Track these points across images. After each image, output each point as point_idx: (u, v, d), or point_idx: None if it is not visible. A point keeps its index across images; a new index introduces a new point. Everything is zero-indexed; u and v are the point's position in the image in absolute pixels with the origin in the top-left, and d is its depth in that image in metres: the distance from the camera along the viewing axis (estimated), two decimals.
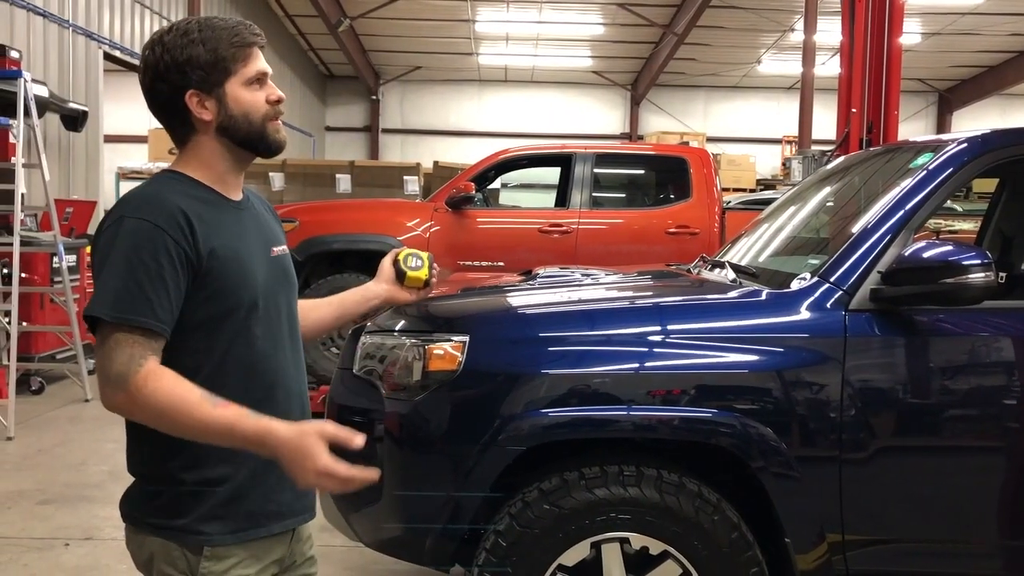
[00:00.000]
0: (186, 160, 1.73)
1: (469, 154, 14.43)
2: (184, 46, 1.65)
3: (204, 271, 1.62)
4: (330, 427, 1.56)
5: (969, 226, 10.04)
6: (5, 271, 7.00)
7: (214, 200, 1.70)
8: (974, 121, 22.41)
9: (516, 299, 3.14)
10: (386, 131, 23.61)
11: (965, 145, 2.78)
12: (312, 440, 1.53)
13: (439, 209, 7.18)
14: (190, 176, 1.70)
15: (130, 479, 1.75)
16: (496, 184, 9.27)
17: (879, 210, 2.71)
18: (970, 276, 2.40)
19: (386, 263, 2.31)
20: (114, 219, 1.61)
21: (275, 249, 1.81)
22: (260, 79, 1.71)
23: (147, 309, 1.55)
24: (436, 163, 10.81)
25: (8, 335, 6.71)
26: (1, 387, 6.70)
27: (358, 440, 1.56)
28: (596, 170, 7.43)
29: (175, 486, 1.65)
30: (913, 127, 22.13)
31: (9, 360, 6.54)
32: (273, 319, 1.75)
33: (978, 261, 2.41)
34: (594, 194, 7.38)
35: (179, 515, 1.62)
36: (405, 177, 9.77)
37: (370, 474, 1.57)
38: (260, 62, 1.72)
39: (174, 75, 1.66)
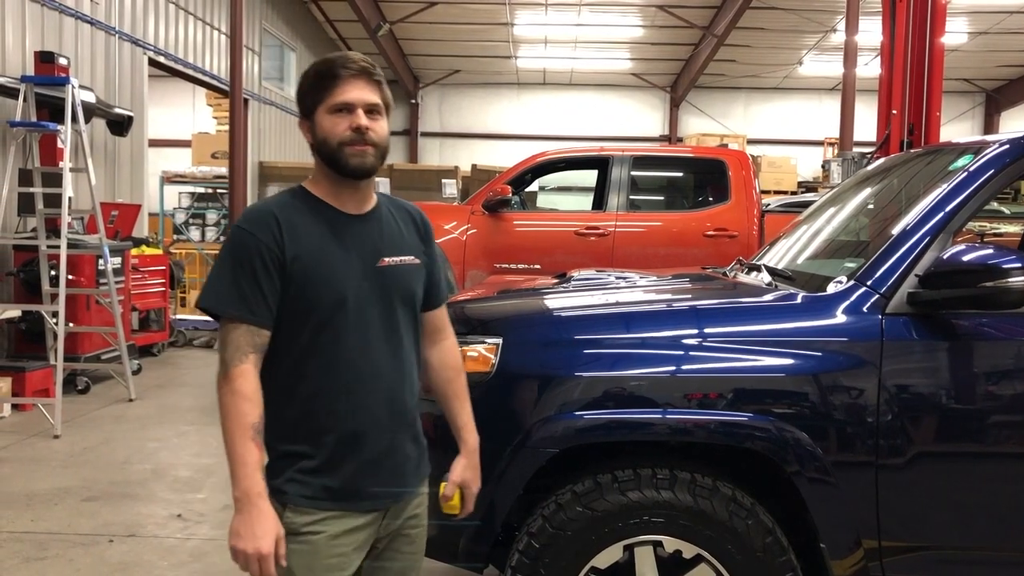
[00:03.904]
0: (313, 176, 1.99)
1: (507, 157, 14.46)
2: (301, 80, 1.96)
3: (289, 271, 1.85)
4: (281, 548, 1.80)
5: (1016, 228, 9.83)
6: (53, 273, 7.16)
7: (320, 210, 1.93)
8: (1023, 122, 21.95)
9: (550, 302, 3.15)
10: (425, 134, 23.72)
11: (1007, 147, 2.73)
12: (271, 536, 1.78)
13: (476, 212, 7.20)
14: (308, 190, 1.96)
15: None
16: (533, 187, 9.28)
17: (917, 213, 2.67)
18: (1010, 280, 2.37)
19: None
20: (232, 228, 1.90)
21: (387, 259, 1.96)
22: (344, 108, 1.90)
23: (242, 305, 1.83)
24: (474, 166, 10.88)
25: (55, 335, 6.86)
26: (48, 386, 6.87)
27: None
28: (633, 173, 7.40)
29: (272, 452, 1.90)
30: (960, 128, 21.74)
31: (56, 360, 6.69)
32: (365, 321, 1.91)
33: (1018, 265, 2.37)
34: (631, 197, 7.35)
35: (274, 475, 1.89)
36: (443, 180, 9.85)
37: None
38: (345, 93, 1.90)
39: (298, 105, 1.98)
